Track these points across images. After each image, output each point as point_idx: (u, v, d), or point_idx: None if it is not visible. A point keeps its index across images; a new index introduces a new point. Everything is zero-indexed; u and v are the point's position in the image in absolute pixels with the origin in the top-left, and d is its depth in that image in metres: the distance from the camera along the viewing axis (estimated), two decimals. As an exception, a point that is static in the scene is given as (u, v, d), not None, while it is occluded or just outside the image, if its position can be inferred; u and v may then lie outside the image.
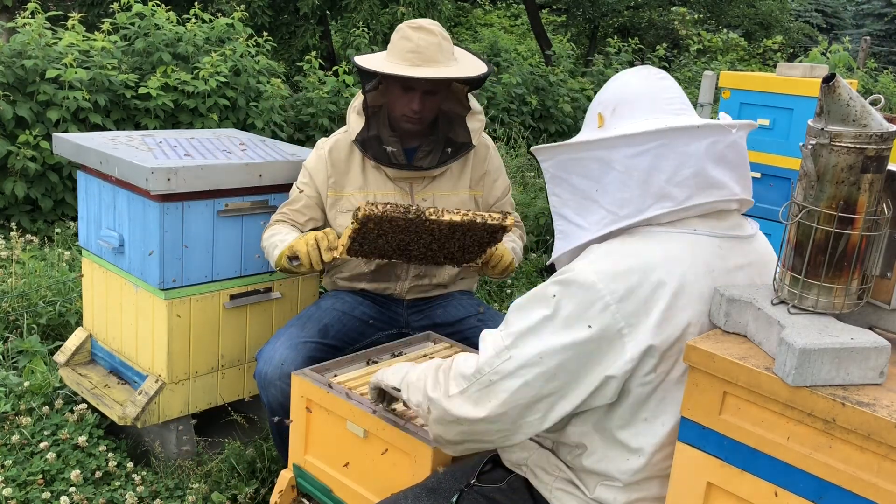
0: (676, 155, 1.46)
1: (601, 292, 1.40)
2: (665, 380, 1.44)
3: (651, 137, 1.46)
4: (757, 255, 1.56)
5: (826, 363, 1.23)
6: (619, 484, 1.50)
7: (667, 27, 15.92)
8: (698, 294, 1.44)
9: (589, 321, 1.40)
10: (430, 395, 1.57)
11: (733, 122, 1.51)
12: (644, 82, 1.58)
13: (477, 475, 1.71)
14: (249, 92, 5.93)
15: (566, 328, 1.41)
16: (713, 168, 1.48)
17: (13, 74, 4.86)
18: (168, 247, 2.54)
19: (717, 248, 1.49)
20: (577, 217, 1.54)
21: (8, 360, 3.23)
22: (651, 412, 1.46)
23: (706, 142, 1.47)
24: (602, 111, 1.59)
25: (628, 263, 1.42)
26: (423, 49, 2.40)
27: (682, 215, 1.49)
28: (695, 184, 1.46)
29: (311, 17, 9.11)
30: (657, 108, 1.54)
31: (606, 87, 1.62)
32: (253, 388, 2.88)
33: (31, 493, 2.48)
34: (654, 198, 1.46)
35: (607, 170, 1.49)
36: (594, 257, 1.46)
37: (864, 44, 12.72)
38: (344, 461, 2.02)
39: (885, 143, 1.26)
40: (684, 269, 1.44)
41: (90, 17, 8.38)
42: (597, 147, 1.50)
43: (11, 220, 4.76)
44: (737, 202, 1.55)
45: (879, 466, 1.19)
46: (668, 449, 1.47)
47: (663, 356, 1.42)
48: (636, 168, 1.46)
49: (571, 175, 1.53)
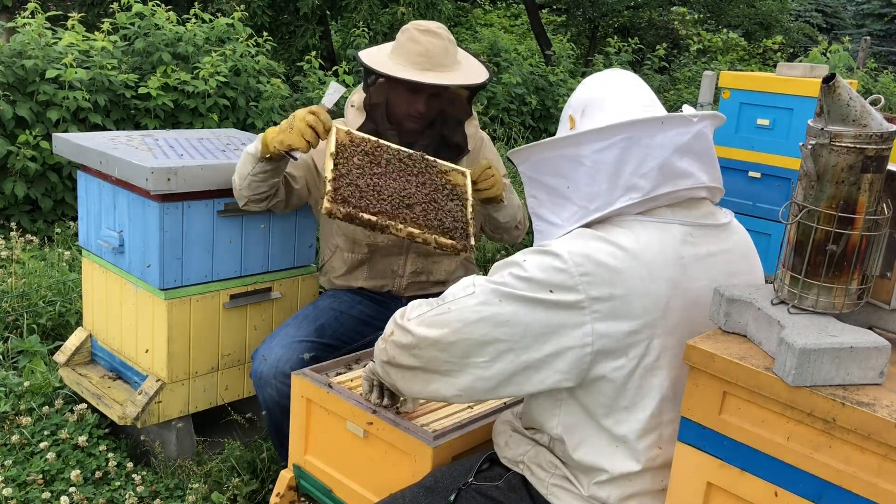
0: (641, 147, 1.50)
1: (567, 264, 1.45)
2: (639, 365, 1.47)
3: (616, 131, 1.51)
4: (731, 243, 1.60)
5: (826, 363, 1.23)
6: (608, 476, 1.52)
7: (667, 27, 15.92)
8: (665, 280, 1.47)
9: (551, 287, 1.45)
10: (395, 319, 1.64)
11: (696, 113, 1.55)
12: (611, 84, 1.64)
13: (475, 473, 1.72)
14: (249, 92, 5.93)
15: (529, 287, 1.47)
16: (678, 159, 1.52)
17: (13, 74, 4.85)
18: (168, 247, 2.54)
19: (687, 236, 1.53)
20: (552, 216, 1.60)
21: (8, 360, 3.23)
22: (630, 399, 1.49)
23: (670, 133, 1.51)
24: (572, 113, 1.65)
25: (597, 245, 1.47)
26: (432, 53, 2.40)
27: (650, 205, 1.53)
28: (660, 174, 1.51)
29: (311, 17, 9.11)
30: (624, 105, 1.59)
31: (577, 90, 1.68)
32: (252, 387, 2.88)
33: (31, 493, 2.48)
34: (622, 190, 1.51)
35: (576, 166, 1.54)
36: (568, 236, 1.52)
37: (864, 44, 12.72)
38: (344, 461, 2.02)
39: (885, 143, 1.26)
40: (653, 255, 1.47)
41: (90, 17, 8.37)
42: (566, 144, 1.55)
43: (11, 220, 4.76)
44: (705, 190, 1.59)
45: (879, 466, 1.19)
46: (652, 436, 1.49)
47: (632, 340, 1.45)
48: (604, 161, 1.51)
49: (544, 175, 1.59)
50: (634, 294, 1.44)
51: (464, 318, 1.50)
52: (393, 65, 2.42)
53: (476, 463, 1.75)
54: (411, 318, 1.59)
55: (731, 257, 1.58)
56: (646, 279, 1.45)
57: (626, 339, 1.45)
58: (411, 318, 1.59)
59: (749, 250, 1.64)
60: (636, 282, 1.44)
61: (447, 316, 1.53)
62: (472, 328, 1.50)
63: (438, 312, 1.54)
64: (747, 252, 1.63)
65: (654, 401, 1.48)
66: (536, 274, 1.47)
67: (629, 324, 1.44)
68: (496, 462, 1.74)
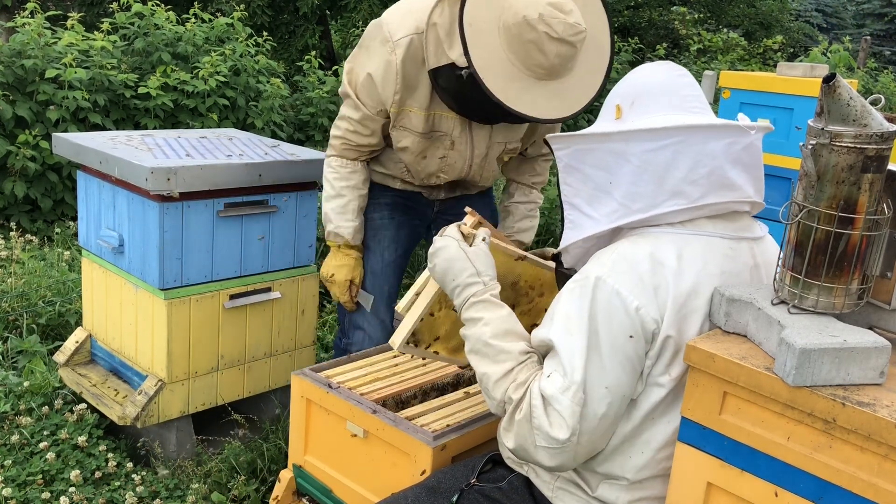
0: (694, 153, 1.46)
1: (627, 298, 1.41)
2: (676, 385, 1.46)
3: (671, 133, 1.46)
4: (765, 257, 1.57)
5: (826, 363, 1.23)
6: (624, 482, 1.51)
7: (667, 27, 15.90)
8: (710, 296, 1.45)
9: (629, 331, 1.42)
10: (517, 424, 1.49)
11: (751, 124, 1.51)
12: (664, 77, 1.57)
13: (477, 475, 1.71)
14: (249, 92, 5.93)
15: (614, 350, 1.42)
16: (730, 169, 1.48)
17: (13, 74, 4.85)
18: (168, 247, 2.54)
19: (728, 250, 1.50)
20: (588, 208, 1.54)
21: (8, 360, 3.23)
22: (660, 413, 1.48)
23: (725, 142, 1.47)
24: (620, 103, 1.57)
25: (646, 265, 1.43)
26: (556, 68, 2.04)
27: (693, 214, 1.49)
28: (709, 183, 1.47)
29: (311, 17, 9.11)
30: (675, 105, 1.53)
31: (626, 78, 1.60)
32: (253, 387, 2.88)
33: (31, 493, 2.47)
34: (668, 194, 1.46)
35: (622, 162, 1.49)
36: (610, 264, 1.45)
37: (864, 44, 12.72)
38: (344, 461, 2.02)
39: (886, 142, 1.26)
40: (698, 270, 1.45)
41: (89, 16, 8.38)
42: (615, 139, 1.49)
43: (11, 220, 4.76)
44: (749, 204, 1.55)
45: (879, 466, 1.19)
46: (672, 447, 1.48)
47: (676, 356, 1.44)
48: (653, 163, 1.46)
49: (585, 165, 1.53)
50: (685, 310, 1.43)
51: (591, 438, 1.45)
52: (504, 74, 2.02)
53: (478, 464, 1.74)
54: (539, 448, 1.45)
55: (764, 271, 1.56)
56: (692, 296, 1.44)
57: (673, 353, 1.44)
58: (539, 448, 1.45)
59: None
60: (685, 298, 1.43)
61: (577, 449, 1.45)
62: (600, 432, 1.46)
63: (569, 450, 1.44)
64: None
65: (678, 414, 1.46)
66: (610, 330, 1.43)
67: (680, 340, 1.44)
68: (499, 463, 1.74)
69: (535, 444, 1.45)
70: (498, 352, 1.53)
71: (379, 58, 2.25)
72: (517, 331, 1.58)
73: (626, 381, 1.44)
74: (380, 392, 2.08)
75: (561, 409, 1.42)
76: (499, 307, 1.60)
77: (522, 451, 1.49)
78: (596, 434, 1.44)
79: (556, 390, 1.42)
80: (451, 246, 1.65)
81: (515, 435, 1.48)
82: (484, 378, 1.54)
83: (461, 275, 1.62)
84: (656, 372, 1.45)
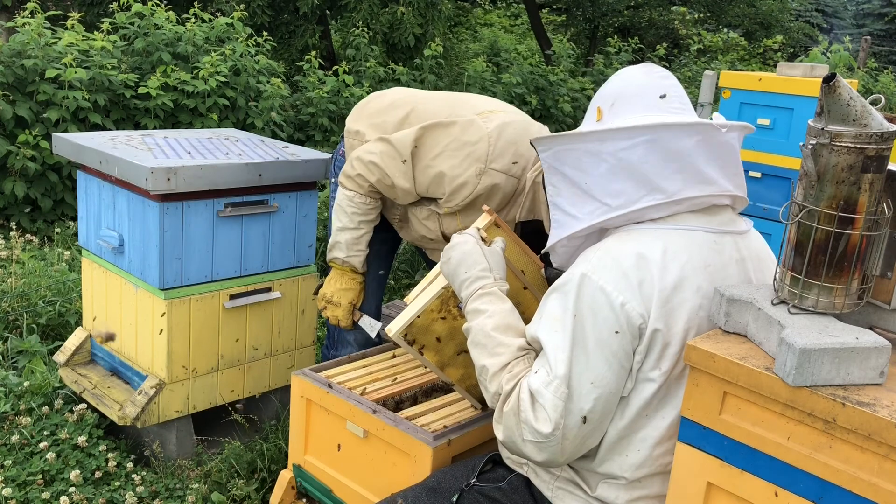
0: (663, 150, 1.49)
1: (611, 294, 1.43)
2: (667, 379, 1.47)
3: (640, 132, 1.49)
4: (751, 251, 1.59)
5: (826, 363, 1.23)
6: (623, 482, 1.52)
7: (667, 27, 15.90)
8: (696, 288, 1.46)
9: (615, 327, 1.43)
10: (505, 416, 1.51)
11: (725, 123, 1.54)
12: (645, 79, 1.60)
13: (477, 475, 1.71)
14: (249, 92, 5.93)
15: (599, 346, 1.44)
16: (703, 164, 1.51)
17: (13, 74, 4.85)
18: (168, 247, 2.54)
19: (713, 244, 1.52)
20: (570, 207, 1.58)
21: (8, 360, 3.23)
22: (653, 408, 1.49)
23: (695, 139, 1.50)
24: (601, 105, 1.62)
25: (630, 261, 1.45)
26: None
27: (673, 209, 1.52)
28: (684, 178, 1.50)
29: (311, 17, 9.10)
30: (653, 106, 1.56)
31: (609, 81, 1.64)
32: (252, 387, 2.88)
33: (31, 493, 2.47)
34: (646, 190, 1.50)
35: (599, 162, 1.52)
36: (595, 261, 1.48)
37: (864, 43, 12.71)
38: (344, 461, 2.02)
39: (886, 142, 1.26)
40: (682, 264, 1.47)
41: (90, 16, 8.37)
42: (590, 139, 1.53)
43: (11, 220, 4.76)
44: (729, 198, 1.58)
45: (879, 466, 1.19)
46: (668, 444, 1.49)
47: (665, 350, 1.44)
48: (626, 161, 1.50)
49: (566, 166, 1.57)
50: (670, 303, 1.45)
51: (578, 434, 1.46)
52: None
53: (478, 464, 1.75)
54: (526, 441, 1.47)
55: (750, 265, 1.57)
56: (678, 289, 1.45)
57: (662, 347, 1.45)
58: (526, 441, 1.47)
59: (769, 258, 1.63)
60: (671, 291, 1.44)
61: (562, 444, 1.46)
62: (587, 430, 1.47)
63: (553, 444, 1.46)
64: (764, 259, 1.62)
65: (675, 409, 1.48)
66: (595, 326, 1.45)
67: (667, 332, 1.45)
68: (499, 463, 1.74)
69: (522, 437, 1.48)
70: (497, 344, 1.56)
71: (461, 168, 2.26)
72: (518, 327, 1.60)
73: (613, 378, 1.45)
74: (380, 392, 2.08)
75: (544, 403, 1.44)
76: (504, 301, 1.64)
77: (511, 443, 1.51)
78: (583, 430, 1.45)
79: (541, 385, 1.45)
80: (469, 241, 1.72)
81: (504, 427, 1.51)
82: (482, 371, 1.57)
83: (474, 267, 1.67)
84: (647, 367, 1.46)
